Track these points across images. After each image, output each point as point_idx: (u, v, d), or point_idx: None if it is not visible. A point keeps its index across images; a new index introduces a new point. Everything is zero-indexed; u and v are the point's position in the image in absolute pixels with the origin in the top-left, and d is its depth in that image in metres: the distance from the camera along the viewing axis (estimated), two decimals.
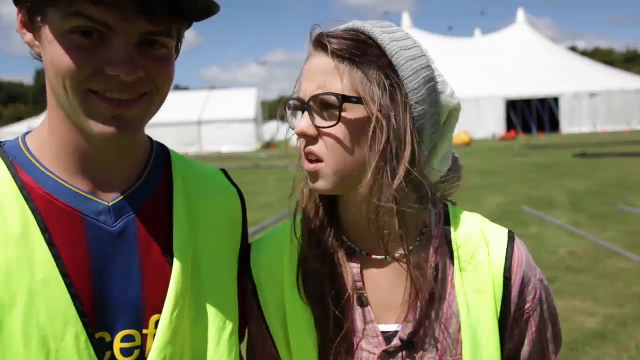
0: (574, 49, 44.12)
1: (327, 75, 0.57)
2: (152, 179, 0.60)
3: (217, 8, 0.51)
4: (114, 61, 0.46)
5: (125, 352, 0.54)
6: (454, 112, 0.63)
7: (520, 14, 31.85)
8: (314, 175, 0.59)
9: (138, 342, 0.54)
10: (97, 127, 0.49)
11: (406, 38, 0.60)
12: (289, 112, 0.63)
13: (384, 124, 0.55)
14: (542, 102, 25.55)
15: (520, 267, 0.62)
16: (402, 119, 0.56)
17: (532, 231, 5.56)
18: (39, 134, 0.57)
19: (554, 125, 25.98)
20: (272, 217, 6.30)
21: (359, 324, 0.62)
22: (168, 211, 0.59)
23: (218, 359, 0.58)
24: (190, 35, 0.62)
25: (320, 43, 0.58)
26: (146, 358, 0.54)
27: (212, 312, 0.59)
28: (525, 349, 0.64)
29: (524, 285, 0.62)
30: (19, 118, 39.61)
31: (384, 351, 0.61)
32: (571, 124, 25.04)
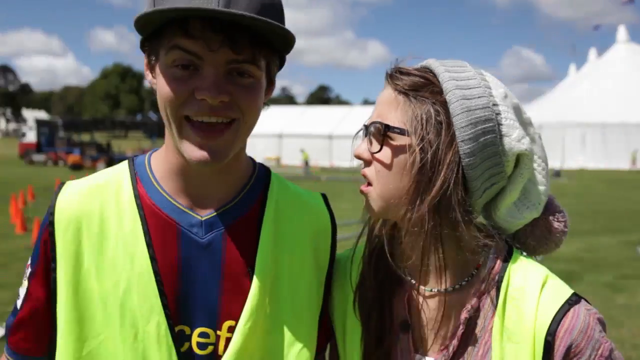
0: None
1: (386, 106, 0.61)
2: (247, 200, 0.65)
3: (292, 37, 0.55)
4: (202, 86, 0.52)
5: (200, 346, 0.61)
6: (523, 158, 0.59)
7: (622, 30, 29.48)
8: (366, 198, 0.63)
9: (212, 340, 0.61)
10: (190, 153, 0.55)
11: (471, 78, 0.59)
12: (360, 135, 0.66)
13: (419, 157, 0.56)
14: None
15: (568, 334, 0.54)
16: (442, 154, 0.56)
17: None
18: (159, 153, 0.67)
19: None
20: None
21: (399, 350, 0.64)
22: (256, 232, 0.64)
23: None
24: None
25: (390, 76, 0.62)
26: (219, 355, 0.60)
27: (286, 327, 0.63)
28: None
29: (570, 355, 0.54)
30: None
31: None
32: None
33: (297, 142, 23.64)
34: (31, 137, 26.07)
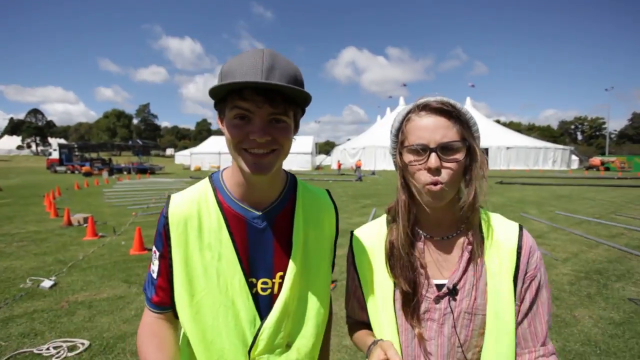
0: (498, 122, 71.12)
1: (441, 129, 0.78)
2: (284, 199, 0.88)
3: (309, 97, 0.75)
4: (253, 131, 0.73)
5: (263, 289, 0.84)
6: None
7: (468, 100, 52.59)
8: (436, 194, 0.78)
9: (269, 285, 0.85)
10: (247, 170, 0.76)
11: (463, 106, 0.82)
12: (409, 154, 0.81)
13: (473, 158, 0.81)
14: None
15: (527, 246, 0.82)
16: (481, 155, 0.81)
17: None
18: (228, 171, 0.89)
19: None
20: None
21: (421, 280, 0.84)
22: (291, 219, 0.87)
23: (314, 299, 0.88)
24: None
25: (437, 109, 0.79)
26: (274, 294, 0.84)
27: (313, 275, 0.88)
28: (527, 304, 0.80)
29: (529, 257, 0.81)
30: (185, 147, 78.75)
31: (436, 296, 0.82)
32: (495, 164, 40.18)
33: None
34: (55, 155, 33.60)
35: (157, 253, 0.85)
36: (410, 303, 0.83)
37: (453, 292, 0.82)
